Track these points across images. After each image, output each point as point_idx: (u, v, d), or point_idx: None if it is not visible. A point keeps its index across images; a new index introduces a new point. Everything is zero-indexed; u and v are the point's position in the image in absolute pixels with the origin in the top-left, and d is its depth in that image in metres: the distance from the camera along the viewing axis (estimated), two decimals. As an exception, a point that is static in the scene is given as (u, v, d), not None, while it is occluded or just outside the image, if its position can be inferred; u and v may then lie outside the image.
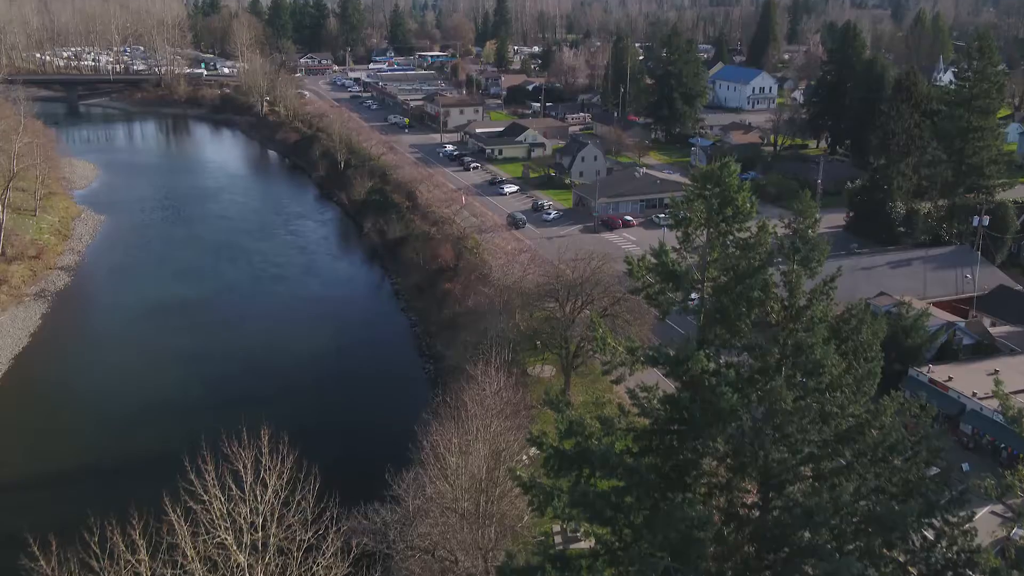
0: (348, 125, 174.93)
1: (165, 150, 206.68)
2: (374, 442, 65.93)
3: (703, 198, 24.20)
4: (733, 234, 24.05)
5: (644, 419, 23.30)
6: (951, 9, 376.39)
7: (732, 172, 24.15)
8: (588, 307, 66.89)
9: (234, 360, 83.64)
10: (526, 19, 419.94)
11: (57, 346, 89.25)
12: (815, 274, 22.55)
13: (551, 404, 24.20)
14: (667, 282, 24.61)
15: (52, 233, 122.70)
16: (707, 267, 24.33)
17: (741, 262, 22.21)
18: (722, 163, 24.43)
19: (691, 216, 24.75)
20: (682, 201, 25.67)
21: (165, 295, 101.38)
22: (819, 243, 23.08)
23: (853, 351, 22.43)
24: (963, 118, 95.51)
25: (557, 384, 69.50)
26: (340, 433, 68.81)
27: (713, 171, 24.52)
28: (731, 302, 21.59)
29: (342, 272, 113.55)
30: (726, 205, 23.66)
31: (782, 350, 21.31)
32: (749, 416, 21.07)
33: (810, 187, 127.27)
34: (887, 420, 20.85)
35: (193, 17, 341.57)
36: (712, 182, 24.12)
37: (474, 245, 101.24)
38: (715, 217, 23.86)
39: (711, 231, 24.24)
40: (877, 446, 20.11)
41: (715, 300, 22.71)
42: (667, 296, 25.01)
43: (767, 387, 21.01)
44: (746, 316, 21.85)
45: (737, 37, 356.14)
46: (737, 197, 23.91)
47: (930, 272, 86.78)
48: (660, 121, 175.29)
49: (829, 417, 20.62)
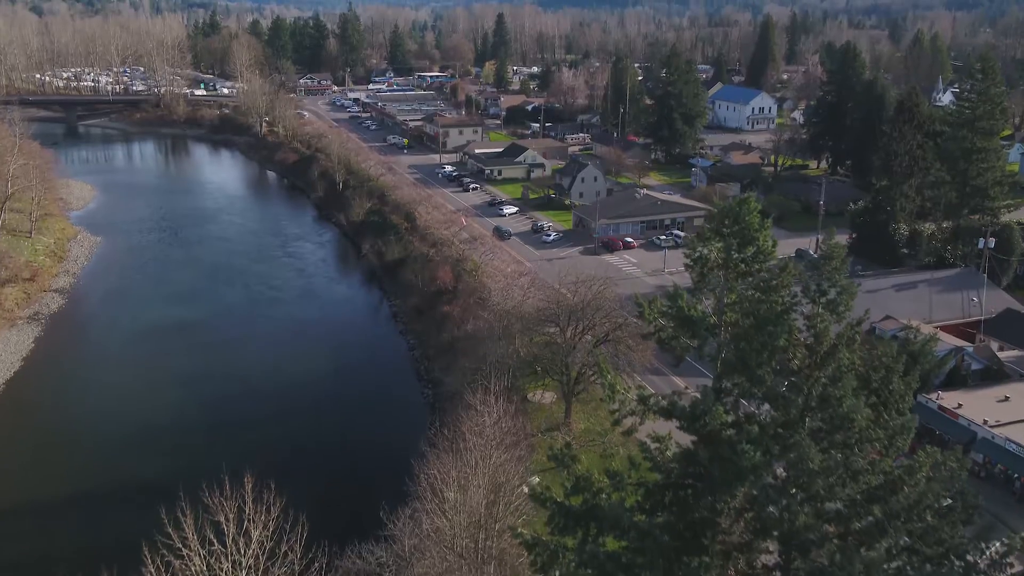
0: (347, 146, 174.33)
1: (163, 170, 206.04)
2: (370, 475, 64.46)
3: (721, 236, 22.93)
4: (753, 275, 22.72)
5: (656, 473, 21.86)
6: (948, 29, 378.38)
7: (752, 209, 22.89)
8: (589, 332, 65.63)
9: (227, 387, 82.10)
10: (525, 39, 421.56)
11: (49, 371, 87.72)
12: (842, 319, 21.18)
13: (556, 459, 22.75)
14: (682, 327, 23.25)
15: (47, 255, 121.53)
16: (724, 311, 22.99)
17: (762, 306, 20.85)
18: (741, 199, 23.16)
19: (708, 255, 23.44)
20: (698, 239, 24.38)
21: (160, 318, 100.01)
22: (848, 286, 21.75)
23: (884, 402, 20.99)
24: (967, 139, 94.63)
25: (558, 411, 68.07)
26: (335, 464, 67.37)
27: (731, 208, 23.26)
28: (752, 349, 20.22)
29: (340, 294, 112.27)
30: (746, 244, 22.39)
31: (805, 400, 19.90)
32: (771, 473, 19.68)
33: (811, 208, 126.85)
34: (921, 477, 19.42)
35: (193, 38, 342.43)
36: (731, 219, 22.85)
37: (473, 267, 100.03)
38: (734, 257, 22.57)
39: (729, 272, 22.93)
40: (913, 507, 18.65)
41: (734, 347, 21.35)
42: (681, 342, 23.62)
43: (790, 441, 19.58)
44: (768, 364, 20.45)
45: (736, 57, 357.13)
46: (758, 236, 22.61)
47: (936, 295, 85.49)
48: (660, 141, 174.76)
49: (858, 474, 19.23)
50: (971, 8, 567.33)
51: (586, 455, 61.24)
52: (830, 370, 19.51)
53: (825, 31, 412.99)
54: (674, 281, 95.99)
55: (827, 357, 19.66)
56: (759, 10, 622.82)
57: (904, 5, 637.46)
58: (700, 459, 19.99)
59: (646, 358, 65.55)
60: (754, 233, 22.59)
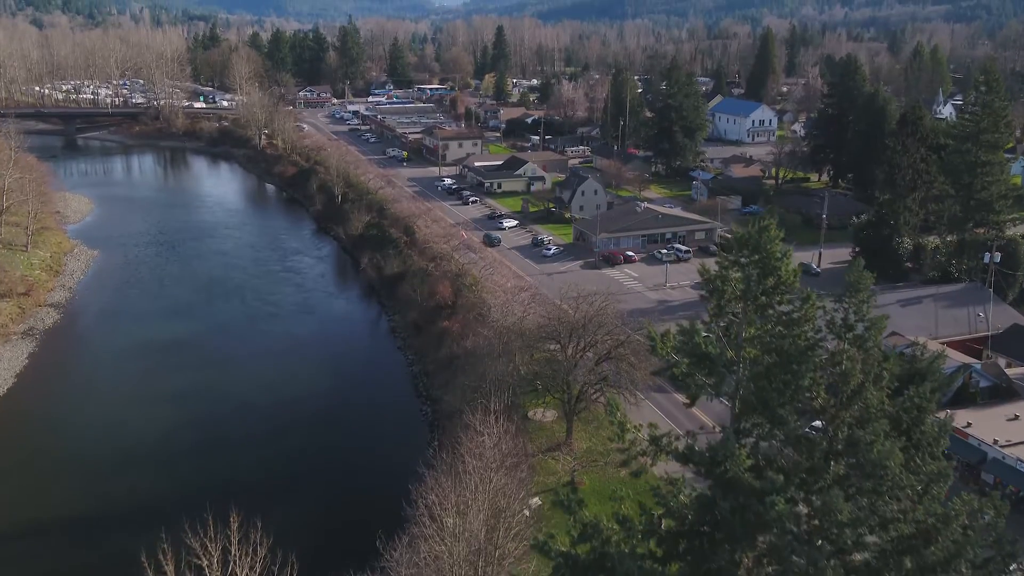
0: (346, 158, 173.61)
1: (162, 183, 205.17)
2: (366, 499, 63.16)
3: (739, 267, 21.72)
4: (774, 308, 21.52)
5: (670, 519, 20.59)
6: (947, 42, 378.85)
7: (773, 238, 21.68)
8: (591, 349, 64.44)
9: (220, 406, 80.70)
10: (525, 52, 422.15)
11: (41, 389, 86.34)
12: (871, 356, 19.90)
13: (562, 505, 21.47)
14: (698, 364, 21.99)
15: (43, 269, 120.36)
16: (743, 346, 21.76)
17: (785, 341, 19.69)
18: (761, 227, 21.98)
19: (725, 287, 22.20)
20: (715, 270, 23.11)
21: (155, 334, 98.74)
22: (877, 320, 20.56)
23: (916, 444, 19.71)
24: (971, 152, 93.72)
25: (559, 430, 66.79)
26: (330, 487, 66.09)
27: (751, 236, 22.04)
28: (774, 389, 19.04)
29: (338, 309, 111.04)
30: (767, 275, 21.19)
31: (830, 443, 18.70)
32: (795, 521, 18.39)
33: (814, 222, 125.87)
34: (957, 527, 18.14)
35: (193, 50, 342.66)
36: (750, 249, 21.66)
37: (472, 282, 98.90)
38: (754, 289, 21.35)
39: (748, 304, 21.71)
40: (948, 560, 17.39)
41: (754, 385, 20.15)
42: (697, 379, 22.35)
43: (815, 486, 18.32)
44: (791, 404, 19.22)
45: (735, 70, 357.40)
46: (780, 266, 21.38)
47: (942, 310, 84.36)
48: (660, 154, 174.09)
49: (889, 523, 17.95)
50: (969, 20, 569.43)
51: (589, 477, 60.08)
52: (857, 410, 18.33)
53: (824, 44, 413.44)
54: (675, 295, 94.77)
55: (853, 396, 18.44)
56: (758, 23, 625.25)
57: (902, 18, 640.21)
58: (719, 507, 18.69)
59: (648, 376, 64.27)
60: (775, 262, 21.38)
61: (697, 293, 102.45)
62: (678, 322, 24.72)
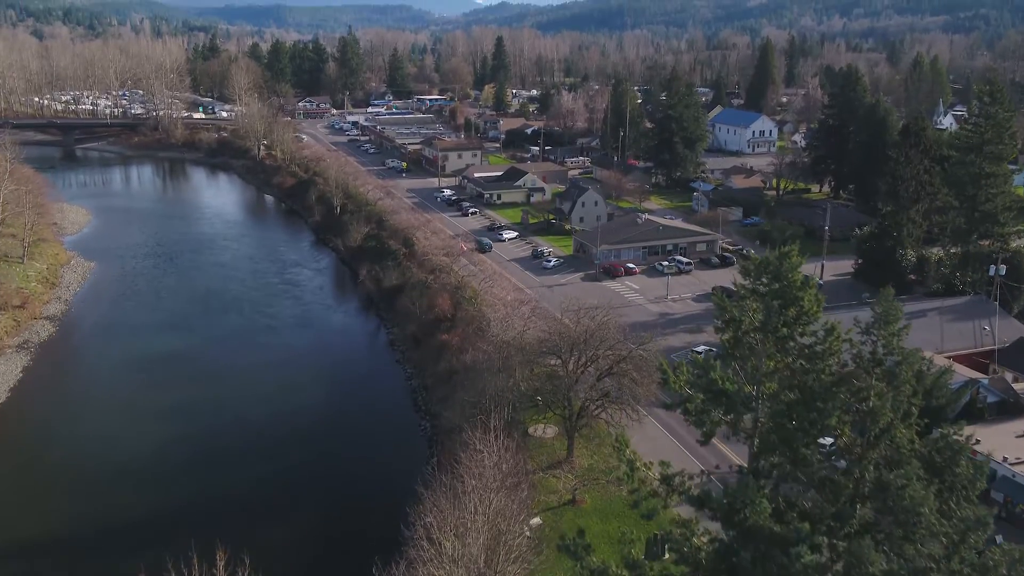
0: (345, 170, 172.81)
1: (160, 194, 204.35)
2: (363, 519, 62.02)
3: (758, 295, 20.59)
4: (795, 340, 20.35)
5: (683, 566, 19.45)
6: (946, 53, 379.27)
7: (795, 264, 20.58)
8: (592, 365, 63.38)
9: (215, 422, 79.51)
10: (524, 63, 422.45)
11: (36, 403, 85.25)
12: (902, 393, 18.73)
13: (567, 551, 20.35)
14: (714, 401, 20.77)
15: (39, 281, 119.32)
16: (763, 380, 20.60)
17: (809, 377, 18.56)
18: (782, 252, 20.90)
19: (743, 317, 20.96)
20: (731, 298, 21.94)
21: (151, 348, 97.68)
22: (909, 355, 19.45)
23: (950, 487, 18.57)
24: (975, 164, 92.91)
25: (560, 446, 65.65)
26: (325, 508, 64.81)
27: (771, 261, 20.94)
28: (797, 428, 17.89)
29: (336, 322, 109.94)
30: (788, 305, 20.06)
31: (856, 486, 17.55)
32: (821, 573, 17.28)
33: (816, 233, 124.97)
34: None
35: (193, 61, 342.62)
36: (770, 275, 20.52)
37: (472, 295, 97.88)
38: (774, 319, 20.22)
39: (768, 336, 20.57)
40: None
41: (775, 424, 18.93)
42: (713, 416, 21.14)
43: (842, 532, 17.22)
44: (815, 444, 18.10)
45: (735, 80, 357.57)
46: (802, 295, 20.28)
47: (947, 323, 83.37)
48: (661, 165, 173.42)
49: (921, 574, 16.83)
50: (967, 31, 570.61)
51: (590, 495, 58.92)
52: (885, 450, 17.27)
53: (823, 54, 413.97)
54: (676, 307, 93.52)
55: (882, 435, 17.35)
56: (757, 33, 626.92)
57: (901, 28, 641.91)
58: (739, 557, 17.51)
59: (651, 392, 63.30)
60: (797, 291, 20.28)
61: (698, 305, 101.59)
62: (692, 352, 23.45)
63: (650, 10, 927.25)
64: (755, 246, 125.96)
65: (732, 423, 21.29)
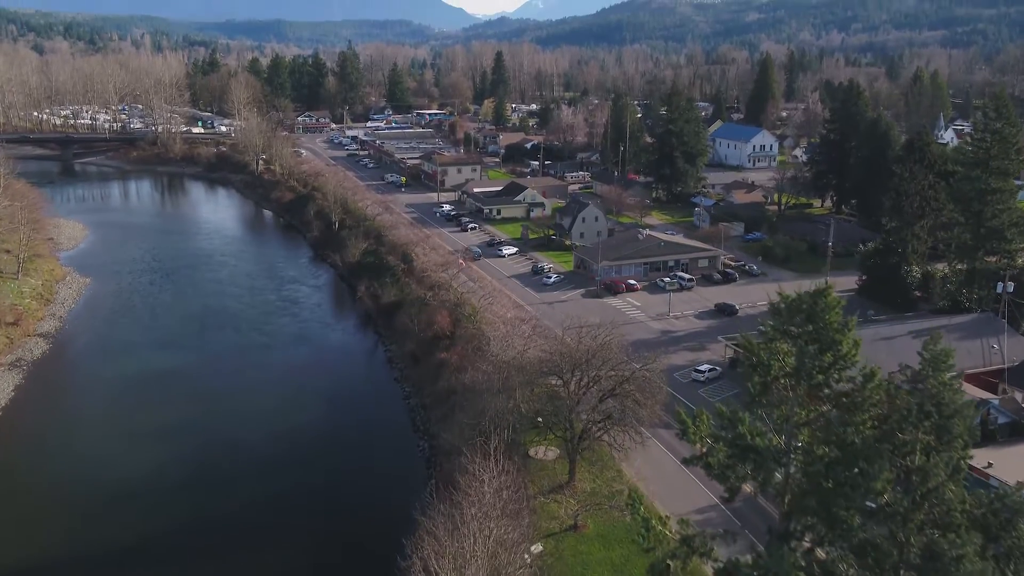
0: (343, 184, 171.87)
1: (158, 209, 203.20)
2: (359, 549, 60.20)
3: (790, 338, 18.84)
4: (831, 387, 18.63)
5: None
6: (944, 67, 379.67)
7: (831, 304, 18.85)
8: (595, 386, 61.84)
9: (209, 444, 77.81)
10: (523, 77, 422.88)
11: (26, 422, 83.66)
12: (953, 449, 17.09)
13: None
14: (740, 455, 19.12)
15: (33, 297, 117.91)
16: (795, 432, 18.91)
17: (848, 430, 16.92)
18: (818, 291, 19.23)
19: (772, 361, 19.16)
20: (760, 341, 20.08)
21: (146, 366, 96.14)
22: (963, 407, 17.84)
23: (1007, 552, 16.80)
24: (980, 179, 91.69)
25: (561, 469, 64.01)
26: (322, 531, 63.08)
27: (804, 300, 19.18)
28: (837, 489, 16.27)
29: (334, 339, 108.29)
30: (825, 350, 18.35)
31: (902, 552, 15.89)
32: None
33: (818, 248, 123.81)
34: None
35: (193, 76, 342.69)
36: (803, 317, 18.78)
37: (472, 313, 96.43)
38: (808, 365, 18.51)
39: (800, 383, 18.85)
40: None
41: (810, 483, 17.29)
42: (739, 471, 19.45)
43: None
44: (857, 507, 16.42)
45: (734, 95, 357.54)
46: (840, 339, 18.64)
47: (954, 342, 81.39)
48: (661, 180, 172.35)
49: None
50: (965, 46, 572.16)
51: (593, 520, 57.22)
52: (933, 511, 15.69)
53: (823, 69, 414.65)
54: (679, 325, 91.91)
55: (929, 495, 15.77)
56: (755, 48, 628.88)
57: (899, 43, 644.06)
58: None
59: (655, 413, 61.79)
60: (834, 335, 18.62)
61: (700, 322, 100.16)
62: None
63: (649, 25, 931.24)
64: (757, 262, 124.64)
65: (762, 481, 19.51)
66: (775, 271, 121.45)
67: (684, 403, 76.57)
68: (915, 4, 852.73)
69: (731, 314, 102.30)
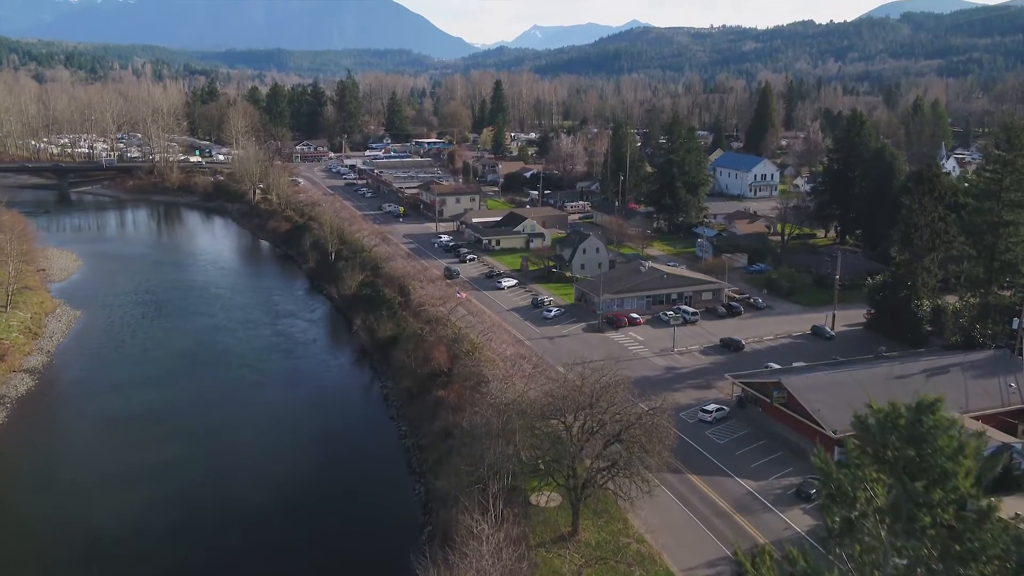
0: (340, 214, 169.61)
1: (153, 239, 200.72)
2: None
3: (881, 464, 15.31)
4: (938, 529, 15.12)
5: None
6: (942, 96, 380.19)
7: (943, 424, 15.16)
8: (599, 431, 58.81)
9: (197, 485, 74.77)
10: (523, 106, 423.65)
11: (7, 464, 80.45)
12: None
13: None
14: None
15: (21, 331, 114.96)
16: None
17: None
18: (922, 404, 15.82)
19: (858, 494, 15.49)
20: (837, 465, 16.43)
21: (134, 405, 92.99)
22: None
23: None
24: (993, 211, 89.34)
25: (564, 518, 60.76)
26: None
27: (902, 416, 15.68)
28: None
29: (328, 375, 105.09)
30: (934, 485, 14.84)
31: None
32: None
33: (824, 281, 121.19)
34: None
35: (192, 104, 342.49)
36: (902, 437, 15.25)
37: (470, 349, 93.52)
38: (908, 503, 15.04)
39: (897, 524, 15.37)
40: None
41: None
42: None
43: None
44: None
45: (732, 123, 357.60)
46: (955, 469, 15.17)
47: (970, 380, 78.88)
48: (662, 210, 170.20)
49: None
50: (960, 75, 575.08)
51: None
52: None
53: (821, 97, 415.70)
54: (683, 361, 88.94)
55: None
56: (753, 76, 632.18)
57: (895, 72, 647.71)
58: None
59: (663, 460, 58.74)
60: (945, 464, 15.19)
61: (706, 358, 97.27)
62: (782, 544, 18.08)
63: (647, 54, 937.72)
64: (762, 294, 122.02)
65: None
66: (780, 304, 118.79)
67: (691, 445, 73.54)
68: (910, 34, 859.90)
69: (737, 349, 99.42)
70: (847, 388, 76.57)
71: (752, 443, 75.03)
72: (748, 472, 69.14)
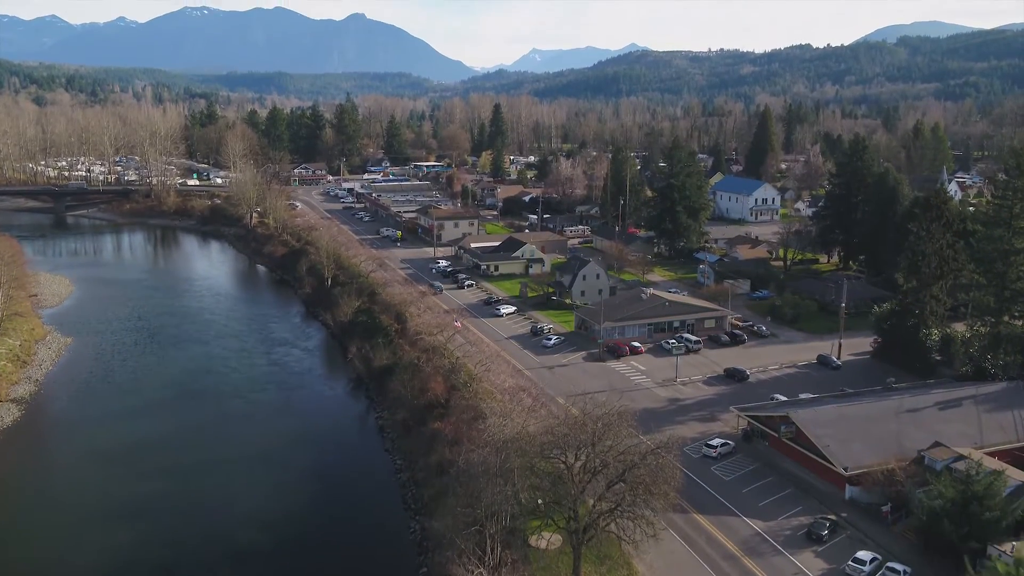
0: (337, 239, 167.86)
1: (149, 264, 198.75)
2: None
3: None
4: None
5: None
6: (940, 119, 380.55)
7: None
8: (602, 471, 56.26)
9: (185, 523, 72.08)
10: (522, 129, 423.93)
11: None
12: None
13: None
14: None
15: (10, 359, 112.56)
16: None
17: None
18: None
19: None
20: None
21: (122, 438, 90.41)
22: None
23: None
24: (1004, 239, 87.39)
25: (565, 563, 58.11)
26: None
27: None
28: None
29: (323, 406, 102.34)
30: None
31: None
32: None
33: (829, 308, 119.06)
34: None
35: (191, 127, 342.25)
36: None
37: (467, 380, 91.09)
38: None
39: None
40: None
41: None
42: None
43: None
44: None
45: (731, 146, 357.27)
46: None
47: (984, 414, 76.55)
48: (663, 235, 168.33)
49: None
50: (958, 98, 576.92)
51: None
52: None
53: (820, 121, 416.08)
54: (687, 392, 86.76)
55: None
56: (751, 100, 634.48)
57: (892, 95, 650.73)
58: None
59: (669, 500, 56.19)
60: None
61: (710, 388, 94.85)
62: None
63: (645, 78, 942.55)
64: (766, 322, 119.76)
65: None
66: (785, 331, 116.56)
67: (696, 481, 71.03)
68: (907, 57, 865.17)
69: (741, 380, 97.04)
70: (857, 422, 74.39)
71: (759, 479, 72.49)
72: (756, 511, 66.58)
